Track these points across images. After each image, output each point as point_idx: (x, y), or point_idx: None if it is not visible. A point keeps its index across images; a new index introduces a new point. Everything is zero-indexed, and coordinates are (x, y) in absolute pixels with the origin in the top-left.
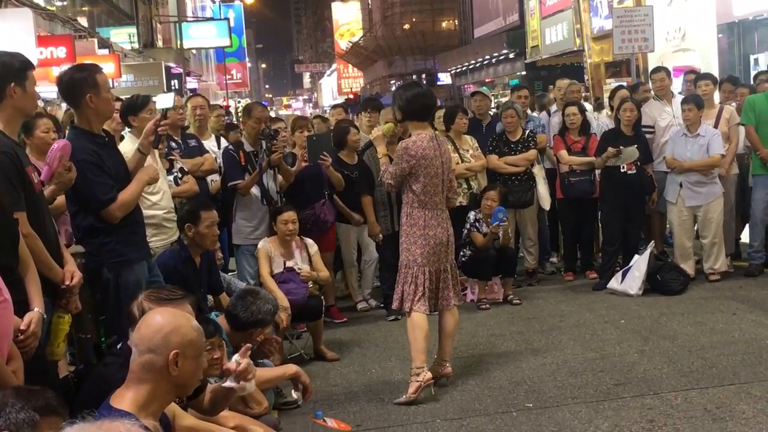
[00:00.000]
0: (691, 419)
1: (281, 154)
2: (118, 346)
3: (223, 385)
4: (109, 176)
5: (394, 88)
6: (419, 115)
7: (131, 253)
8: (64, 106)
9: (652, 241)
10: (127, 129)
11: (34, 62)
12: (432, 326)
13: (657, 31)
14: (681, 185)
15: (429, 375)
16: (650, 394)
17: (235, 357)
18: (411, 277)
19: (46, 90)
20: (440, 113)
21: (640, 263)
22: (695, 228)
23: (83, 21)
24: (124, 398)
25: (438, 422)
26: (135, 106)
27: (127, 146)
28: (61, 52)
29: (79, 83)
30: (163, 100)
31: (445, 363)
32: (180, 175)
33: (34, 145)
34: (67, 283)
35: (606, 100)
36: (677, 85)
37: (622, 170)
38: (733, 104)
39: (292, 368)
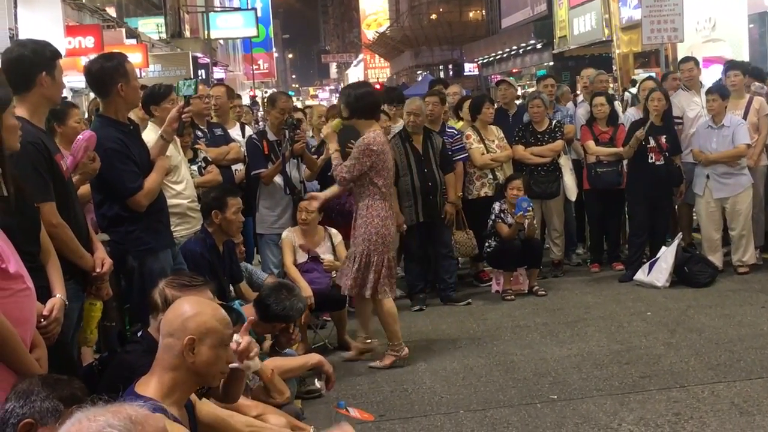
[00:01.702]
0: (718, 413)
1: (304, 143)
2: (139, 334)
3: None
4: (136, 165)
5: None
6: (367, 113)
7: (156, 241)
8: (92, 95)
9: (680, 233)
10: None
11: (63, 52)
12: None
13: (687, 20)
14: (708, 177)
15: (406, 350)
16: (677, 387)
17: (235, 337)
18: (372, 266)
19: (75, 80)
20: (467, 103)
21: (667, 255)
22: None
23: (111, 11)
24: (149, 385)
25: (461, 413)
26: (157, 96)
27: (150, 135)
28: (89, 41)
29: (110, 72)
30: (185, 87)
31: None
32: (204, 164)
33: (65, 135)
34: (98, 270)
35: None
36: (716, 76)
37: (650, 161)
38: (764, 88)
39: (314, 357)
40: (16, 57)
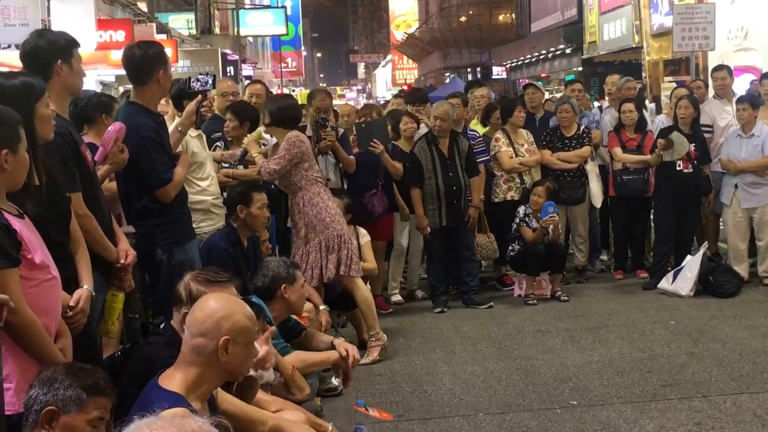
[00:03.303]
0: (740, 424)
1: (329, 142)
2: (161, 326)
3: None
4: (168, 155)
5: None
6: (286, 124)
7: (183, 233)
8: (121, 89)
9: (705, 242)
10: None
11: (94, 45)
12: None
13: (718, 29)
14: (736, 186)
15: (385, 336)
16: (698, 397)
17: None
18: (344, 244)
19: (105, 73)
20: (496, 112)
21: (692, 264)
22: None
23: (143, 6)
24: (174, 379)
25: (481, 416)
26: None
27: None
28: (120, 35)
29: (153, 59)
30: (208, 82)
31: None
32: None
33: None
34: (121, 261)
35: (665, 99)
36: (747, 85)
37: (677, 168)
38: None
39: (335, 354)
40: (31, 48)
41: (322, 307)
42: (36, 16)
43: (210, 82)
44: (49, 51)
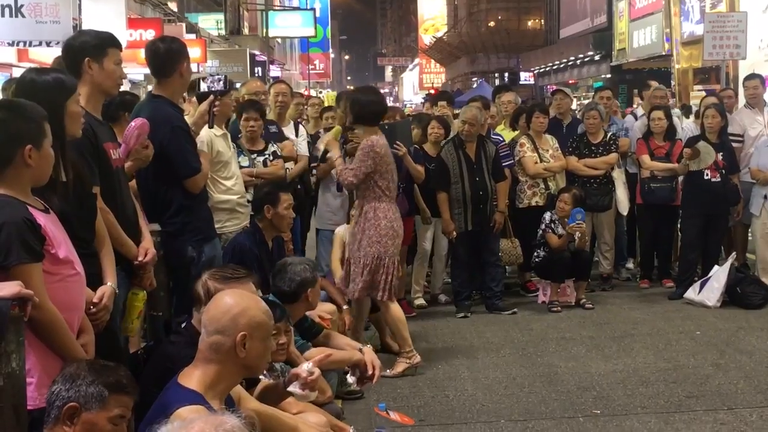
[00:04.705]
0: None
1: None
2: (183, 325)
3: (289, 389)
4: (194, 146)
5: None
6: (370, 120)
7: (209, 229)
8: (149, 87)
9: (734, 253)
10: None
11: (124, 44)
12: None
13: (750, 38)
14: (765, 197)
15: (419, 358)
16: (724, 409)
17: (307, 366)
18: (383, 268)
19: (134, 72)
20: (524, 116)
21: (719, 275)
22: None
23: (173, 6)
24: (192, 377)
25: (502, 422)
26: (218, 91)
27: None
28: (149, 35)
29: (178, 53)
30: (213, 82)
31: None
32: (271, 158)
33: None
34: (140, 259)
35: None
36: None
37: (705, 177)
38: None
39: (357, 355)
40: (65, 45)
41: (345, 308)
42: (67, 13)
43: (222, 82)
44: (79, 49)
